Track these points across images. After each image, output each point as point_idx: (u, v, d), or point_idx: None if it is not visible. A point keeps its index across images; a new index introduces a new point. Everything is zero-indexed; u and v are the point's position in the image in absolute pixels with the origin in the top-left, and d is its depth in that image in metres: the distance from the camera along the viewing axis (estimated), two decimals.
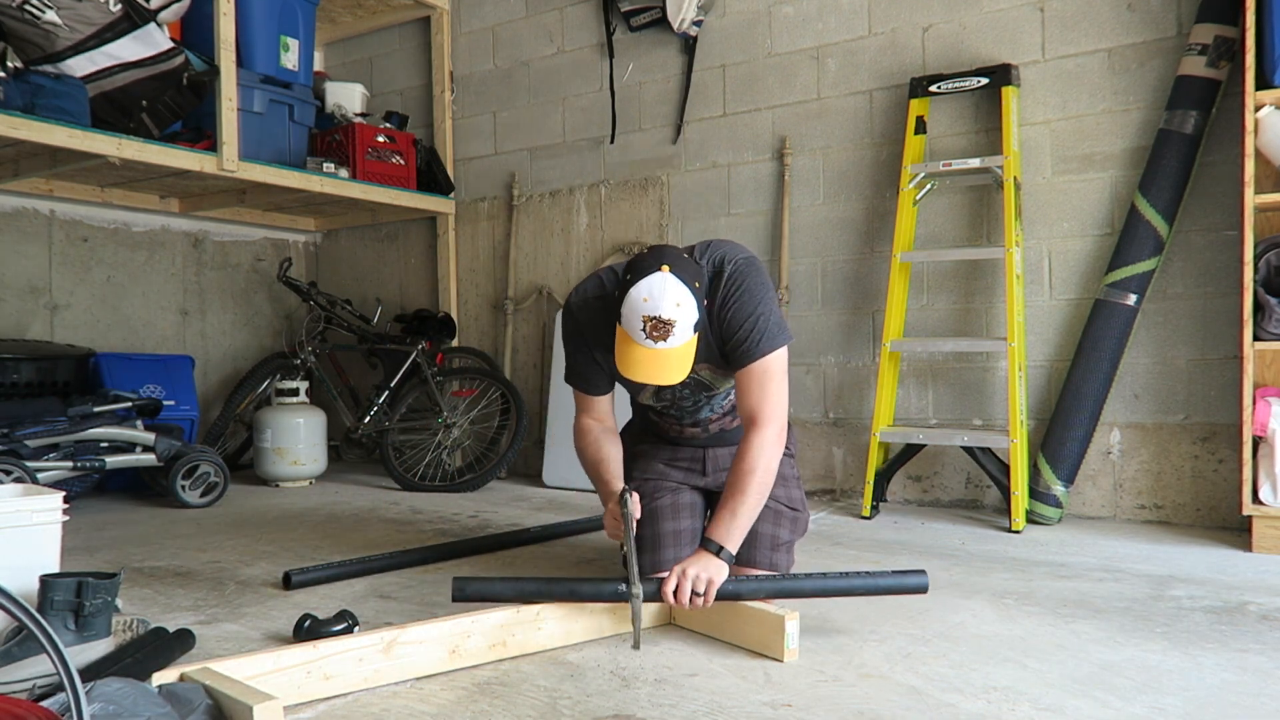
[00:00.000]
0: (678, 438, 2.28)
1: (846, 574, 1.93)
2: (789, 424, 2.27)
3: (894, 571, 1.95)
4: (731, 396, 2.17)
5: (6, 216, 4.16)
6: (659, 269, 1.82)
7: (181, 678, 1.47)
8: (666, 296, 1.79)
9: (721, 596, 1.86)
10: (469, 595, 1.89)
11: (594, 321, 2.04)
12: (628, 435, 2.39)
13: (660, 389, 2.15)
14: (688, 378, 2.09)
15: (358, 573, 2.45)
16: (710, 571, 1.86)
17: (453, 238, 4.81)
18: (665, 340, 1.81)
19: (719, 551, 1.89)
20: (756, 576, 1.94)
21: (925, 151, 3.51)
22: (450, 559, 2.66)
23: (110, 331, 4.48)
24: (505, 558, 2.70)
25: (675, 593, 1.85)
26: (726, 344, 1.99)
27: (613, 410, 2.20)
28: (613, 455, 2.13)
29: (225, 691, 1.39)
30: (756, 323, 1.95)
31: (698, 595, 1.85)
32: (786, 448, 2.23)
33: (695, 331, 1.86)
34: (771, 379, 1.96)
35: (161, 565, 2.62)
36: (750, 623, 1.83)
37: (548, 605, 1.86)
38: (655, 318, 1.80)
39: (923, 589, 1.90)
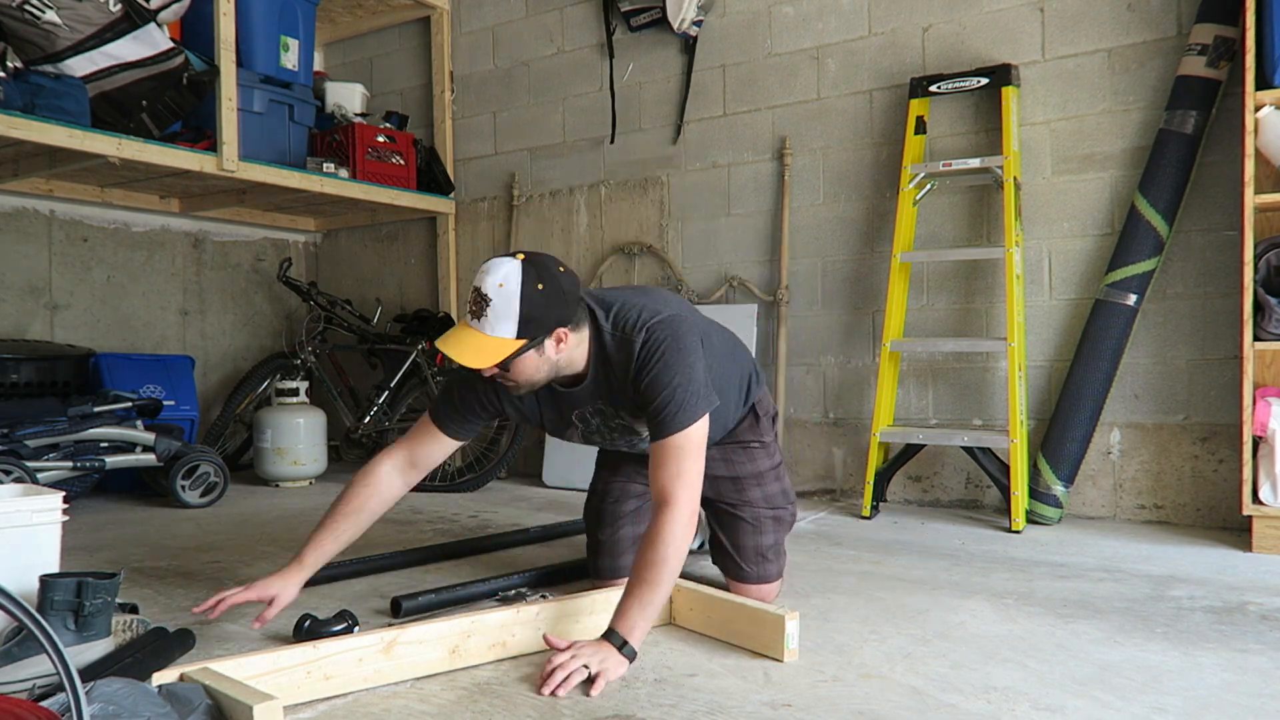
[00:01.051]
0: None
1: None
2: (768, 412, 2.25)
3: None
4: None
5: (6, 216, 4.15)
6: (514, 256, 1.78)
7: (181, 678, 1.46)
8: (493, 274, 1.74)
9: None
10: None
11: None
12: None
13: (590, 435, 2.07)
14: (616, 422, 2.01)
15: (358, 573, 2.45)
16: (606, 658, 1.64)
17: (453, 238, 4.81)
18: (478, 319, 1.75)
19: (622, 646, 1.67)
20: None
21: (925, 151, 3.51)
22: (450, 559, 2.66)
23: (110, 331, 4.48)
24: (505, 558, 2.70)
25: (557, 668, 1.62)
26: (646, 407, 1.85)
27: (436, 465, 2.07)
28: (343, 527, 1.96)
29: (225, 691, 1.39)
30: (673, 395, 1.80)
31: (567, 683, 1.60)
32: (760, 438, 2.22)
33: (520, 337, 1.75)
34: (686, 456, 1.80)
35: (161, 565, 2.62)
36: (750, 623, 1.83)
37: (549, 604, 1.86)
38: (476, 289, 1.75)
39: None
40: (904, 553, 2.74)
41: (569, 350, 1.86)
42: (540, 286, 1.75)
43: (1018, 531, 3.03)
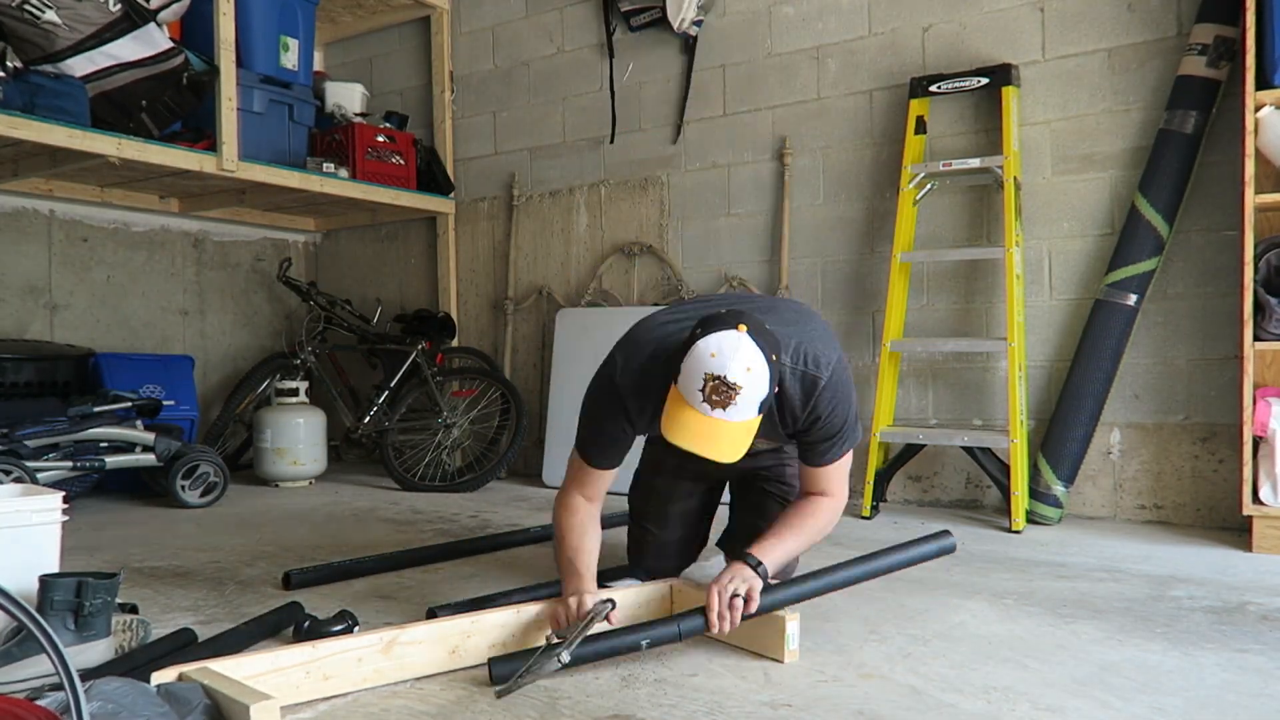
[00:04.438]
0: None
1: (872, 555, 1.87)
2: None
3: (918, 539, 1.89)
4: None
5: (6, 216, 4.15)
6: (735, 327, 1.61)
7: (180, 677, 1.46)
8: (738, 358, 1.58)
9: (765, 608, 1.76)
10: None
11: (642, 384, 1.81)
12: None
13: None
14: None
15: (358, 573, 2.45)
16: (748, 579, 1.75)
17: (453, 238, 4.81)
18: (725, 409, 1.59)
19: (757, 566, 1.78)
20: (785, 583, 1.88)
21: (925, 151, 3.50)
22: (450, 559, 2.66)
23: (110, 331, 4.48)
24: (505, 558, 2.70)
25: (720, 606, 1.71)
26: (806, 437, 1.87)
27: (600, 498, 1.99)
28: (591, 549, 1.89)
29: (223, 691, 1.39)
30: (843, 431, 1.85)
31: (737, 598, 1.72)
32: None
33: (760, 412, 1.64)
34: (841, 471, 1.92)
35: (161, 565, 2.62)
36: (750, 623, 1.82)
37: (548, 605, 1.86)
38: (720, 378, 1.58)
39: (950, 549, 1.88)
40: None
41: None
42: (774, 358, 1.64)
43: (1018, 531, 3.02)
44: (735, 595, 1.73)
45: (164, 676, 1.47)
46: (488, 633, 1.77)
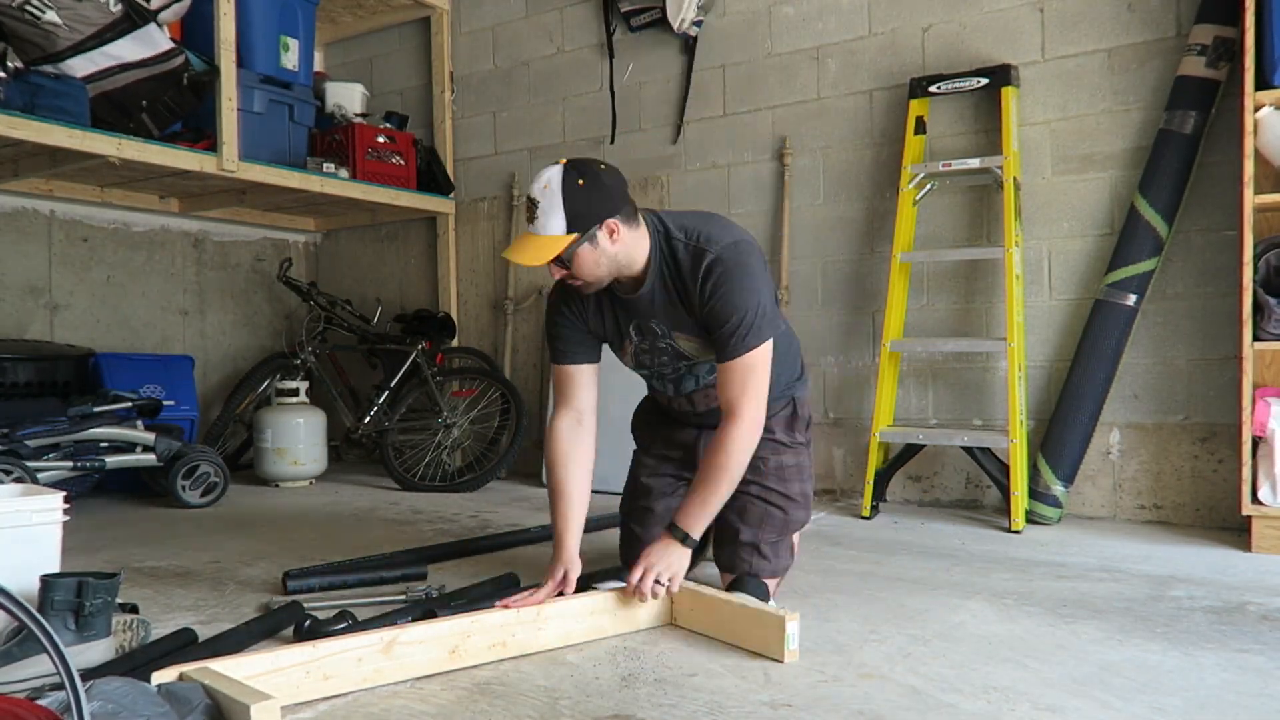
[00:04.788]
0: (668, 409, 2.31)
1: None
2: (807, 415, 2.32)
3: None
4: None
5: (6, 216, 4.15)
6: (558, 161, 1.93)
7: (181, 677, 1.46)
8: (541, 179, 1.89)
9: None
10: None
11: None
12: (637, 412, 2.48)
13: (639, 354, 2.15)
14: (664, 344, 2.10)
15: (357, 571, 2.45)
16: (671, 561, 1.94)
17: (453, 238, 4.81)
18: (532, 222, 1.89)
19: (684, 539, 1.96)
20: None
21: (925, 151, 3.51)
22: (450, 559, 2.66)
23: (110, 331, 4.48)
24: (505, 558, 2.70)
25: (640, 585, 1.92)
26: (711, 333, 2.00)
27: (594, 404, 2.12)
28: (571, 492, 2.04)
29: (223, 691, 1.39)
30: (743, 318, 1.94)
31: (660, 585, 1.93)
32: (796, 436, 2.26)
33: (571, 231, 1.87)
34: (752, 374, 1.96)
35: (161, 565, 2.62)
36: (750, 623, 1.83)
37: (548, 604, 1.86)
38: (528, 197, 1.91)
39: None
40: (904, 553, 2.74)
41: (626, 246, 1.96)
42: (581, 182, 1.89)
43: (1017, 531, 3.03)
44: (658, 581, 1.92)
45: (164, 676, 1.47)
46: (488, 633, 1.77)
